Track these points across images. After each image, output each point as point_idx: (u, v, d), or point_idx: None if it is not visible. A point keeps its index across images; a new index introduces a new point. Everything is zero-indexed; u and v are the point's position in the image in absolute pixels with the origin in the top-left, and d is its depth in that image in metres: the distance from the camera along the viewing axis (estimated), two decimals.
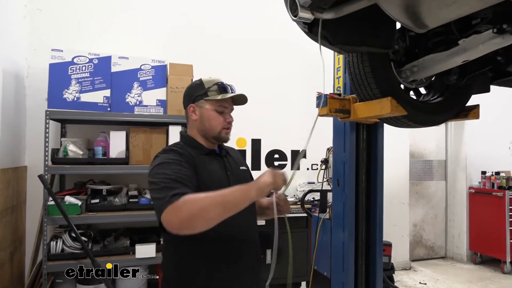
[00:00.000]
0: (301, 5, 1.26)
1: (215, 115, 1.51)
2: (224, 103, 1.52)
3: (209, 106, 1.51)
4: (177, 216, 1.18)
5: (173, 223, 1.19)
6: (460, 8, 1.06)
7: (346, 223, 2.22)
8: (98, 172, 3.23)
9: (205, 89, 1.52)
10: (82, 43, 3.49)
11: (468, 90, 1.90)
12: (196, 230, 1.19)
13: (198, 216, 1.18)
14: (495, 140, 5.50)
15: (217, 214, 1.20)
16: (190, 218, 1.17)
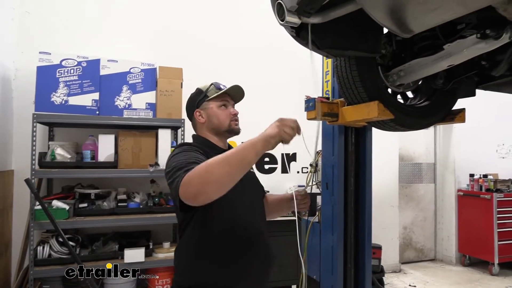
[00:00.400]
0: (288, 9, 1.27)
1: (221, 110, 1.60)
2: (224, 97, 1.61)
3: (213, 104, 1.59)
4: (189, 187, 1.17)
5: (188, 194, 1.18)
6: (443, 14, 1.07)
7: (335, 226, 2.23)
8: (86, 176, 3.20)
9: (204, 92, 1.62)
10: (71, 46, 3.46)
11: (454, 94, 1.92)
12: (211, 195, 1.18)
13: (208, 179, 1.16)
14: (483, 143, 5.58)
15: (224, 172, 1.17)
16: (201, 184, 1.16)
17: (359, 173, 2.29)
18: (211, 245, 1.41)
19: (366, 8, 1.19)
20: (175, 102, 3.34)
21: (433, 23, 1.15)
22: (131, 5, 3.84)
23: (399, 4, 1.09)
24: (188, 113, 1.66)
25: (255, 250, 1.47)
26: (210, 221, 1.42)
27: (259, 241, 1.50)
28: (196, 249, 1.43)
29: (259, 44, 4.26)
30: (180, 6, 4.02)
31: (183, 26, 4.01)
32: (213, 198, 1.19)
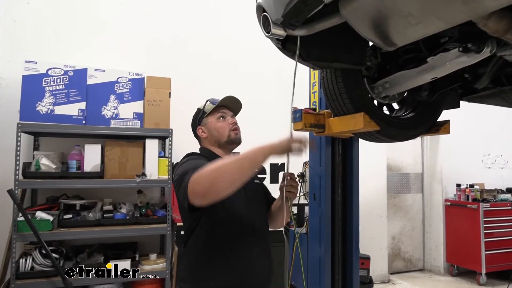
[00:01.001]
0: (273, 22, 1.28)
1: (219, 122, 1.68)
2: (221, 109, 1.70)
3: (211, 118, 1.69)
4: (199, 184, 1.23)
5: (198, 192, 1.23)
6: (425, 28, 1.09)
7: (322, 237, 2.22)
8: (71, 186, 3.14)
9: (202, 109, 1.72)
10: (58, 55, 3.43)
11: (439, 106, 1.95)
12: (221, 191, 1.24)
13: (218, 176, 1.22)
14: (469, 153, 5.65)
15: (235, 169, 1.25)
16: (211, 180, 1.22)
17: (346, 183, 2.30)
18: (215, 253, 1.48)
19: (350, 22, 1.20)
20: (163, 112, 3.32)
21: (415, 37, 1.16)
22: (120, 15, 3.83)
23: (382, 18, 1.11)
24: (194, 133, 1.76)
25: (258, 259, 1.54)
26: (214, 230, 1.49)
27: (262, 251, 1.57)
28: (200, 256, 1.49)
29: (249, 55, 4.27)
30: (168, 16, 4.03)
31: (171, 36, 4.01)
32: (222, 195, 1.25)
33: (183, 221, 1.62)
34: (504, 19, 1.01)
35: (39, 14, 3.54)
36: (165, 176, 3.27)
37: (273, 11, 1.26)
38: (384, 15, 1.09)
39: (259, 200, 1.72)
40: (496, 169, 5.91)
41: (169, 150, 3.34)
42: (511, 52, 1.28)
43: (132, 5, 3.89)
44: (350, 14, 1.16)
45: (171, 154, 3.33)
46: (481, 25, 1.04)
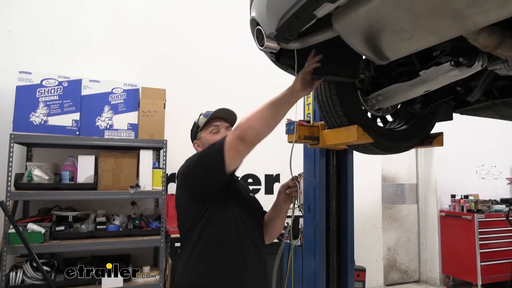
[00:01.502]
0: (267, 35, 1.28)
1: (211, 136, 1.67)
2: (213, 122, 1.69)
3: (205, 132, 1.69)
4: (239, 129, 1.39)
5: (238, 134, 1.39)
6: (417, 43, 1.10)
7: (317, 249, 2.20)
8: (64, 198, 3.11)
9: (197, 123, 1.73)
10: (53, 66, 3.43)
11: (432, 118, 1.96)
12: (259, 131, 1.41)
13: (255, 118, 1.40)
14: (463, 164, 5.68)
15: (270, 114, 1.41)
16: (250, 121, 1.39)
17: (341, 195, 2.29)
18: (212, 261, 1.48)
19: (343, 36, 1.21)
20: (158, 122, 3.31)
21: (408, 51, 1.17)
22: (115, 26, 3.84)
23: (374, 32, 1.12)
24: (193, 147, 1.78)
25: (255, 269, 1.54)
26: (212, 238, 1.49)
27: (259, 261, 1.57)
28: (197, 264, 1.48)
29: (243, 67, 4.29)
30: (163, 27, 4.05)
31: (167, 48, 4.02)
32: (260, 136, 1.41)
33: (181, 228, 1.61)
34: (494, 34, 1.02)
35: (34, 25, 3.54)
36: (159, 187, 3.25)
37: (266, 24, 1.27)
38: (377, 29, 1.10)
39: (257, 213, 1.74)
40: (490, 179, 5.94)
41: (163, 161, 3.33)
42: (501, 66, 1.30)
43: (128, 17, 3.91)
44: (343, 28, 1.17)
45: (165, 165, 3.32)
46: (472, 40, 1.05)
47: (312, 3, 1.04)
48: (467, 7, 0.86)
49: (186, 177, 1.55)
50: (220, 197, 1.52)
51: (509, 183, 6.05)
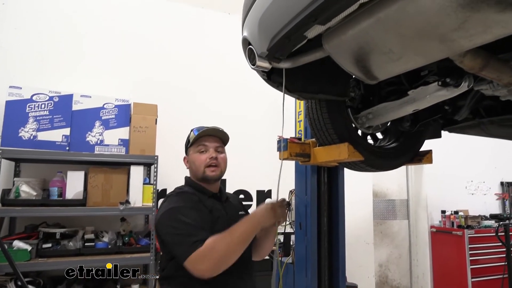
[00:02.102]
0: (258, 55, 1.30)
1: (196, 156, 1.64)
2: (202, 141, 1.65)
3: (192, 151, 1.66)
4: (205, 263, 1.32)
5: (202, 269, 1.32)
6: (406, 63, 1.12)
7: (308, 266, 2.19)
8: (52, 214, 3.05)
9: (188, 139, 1.69)
10: (45, 81, 3.40)
11: (421, 136, 1.99)
12: (222, 270, 1.35)
13: (225, 258, 1.35)
14: (453, 179, 5.73)
15: (239, 250, 1.39)
16: (218, 263, 1.34)
17: (332, 212, 2.29)
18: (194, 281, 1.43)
19: (333, 56, 1.24)
20: (149, 138, 3.30)
21: (396, 72, 1.20)
22: (107, 41, 3.86)
23: (363, 53, 1.14)
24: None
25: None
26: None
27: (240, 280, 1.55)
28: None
29: (236, 82, 4.32)
30: (155, 43, 4.08)
31: (159, 65, 4.04)
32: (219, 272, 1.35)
33: (161, 255, 1.60)
34: (479, 57, 1.05)
35: (26, 40, 3.53)
36: (149, 203, 3.21)
37: (258, 44, 1.29)
38: (366, 50, 1.13)
39: None
40: (479, 195, 5.99)
41: (154, 177, 3.30)
42: (487, 87, 1.33)
43: (121, 32, 3.93)
44: (333, 49, 1.20)
45: (156, 181, 3.29)
46: (458, 62, 1.08)
47: (303, 24, 1.06)
48: (452, 31, 0.88)
49: (156, 233, 1.53)
50: None
51: (498, 199, 6.12)
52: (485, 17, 0.80)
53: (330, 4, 0.94)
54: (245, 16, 1.36)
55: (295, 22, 1.06)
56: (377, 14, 0.97)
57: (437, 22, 0.88)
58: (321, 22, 1.03)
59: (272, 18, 1.17)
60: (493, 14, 0.78)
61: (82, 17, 3.79)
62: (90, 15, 3.83)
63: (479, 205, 5.85)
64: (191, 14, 4.33)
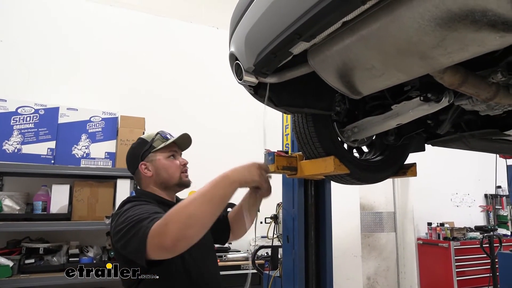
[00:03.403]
0: (245, 70, 1.32)
1: (169, 162, 1.51)
2: (172, 147, 1.54)
3: (160, 155, 1.50)
4: (166, 234, 1.06)
5: (165, 244, 1.06)
6: (388, 79, 1.15)
7: (296, 280, 2.18)
8: (35, 229, 2.99)
9: (149, 142, 1.52)
10: (31, 94, 3.37)
11: (406, 149, 2.02)
12: (194, 238, 1.10)
13: (189, 223, 1.07)
14: (438, 192, 5.82)
15: (207, 211, 1.12)
16: (181, 229, 1.06)
17: (319, 225, 2.30)
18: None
19: (318, 72, 1.26)
20: None
21: (379, 87, 1.23)
22: (95, 55, 3.86)
23: (347, 69, 1.17)
24: (131, 167, 1.55)
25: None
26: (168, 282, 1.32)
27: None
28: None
29: (224, 96, 4.35)
30: (143, 57, 4.09)
31: (146, 76, 4.05)
32: (194, 242, 1.10)
33: (123, 281, 1.40)
34: (458, 73, 1.09)
35: (12, 52, 3.51)
36: None
37: (245, 60, 1.31)
38: (349, 66, 1.15)
39: (211, 244, 1.62)
40: (464, 207, 6.09)
41: None
42: (467, 102, 1.37)
43: (108, 46, 3.93)
44: (318, 64, 1.23)
45: None
46: (438, 78, 1.11)
47: (288, 41, 1.09)
48: (431, 48, 0.92)
49: (113, 244, 1.31)
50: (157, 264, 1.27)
51: (482, 211, 6.22)
52: (462, 36, 0.84)
53: (314, 22, 0.97)
54: (232, 31, 1.39)
55: (281, 39, 1.08)
56: (360, 32, 1.00)
57: (417, 40, 0.91)
58: (306, 39, 1.06)
59: (258, 34, 1.20)
60: (469, 33, 0.82)
61: (70, 31, 3.79)
62: (77, 29, 3.84)
63: (464, 217, 5.94)
64: (179, 28, 4.37)
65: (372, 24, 0.96)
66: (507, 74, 1.15)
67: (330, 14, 0.93)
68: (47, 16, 3.71)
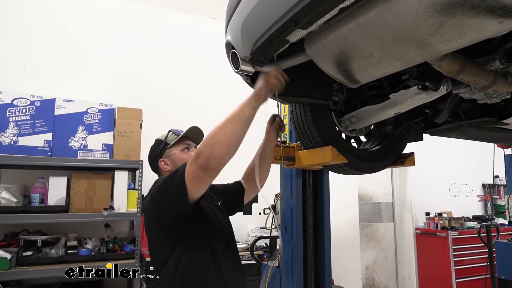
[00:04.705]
0: (242, 59, 1.31)
1: (184, 154, 1.62)
2: (185, 140, 1.66)
3: (175, 150, 1.63)
4: (199, 156, 1.26)
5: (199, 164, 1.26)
6: (385, 67, 1.14)
7: (294, 270, 2.19)
8: (33, 221, 2.99)
9: (163, 141, 1.66)
10: (28, 85, 3.35)
11: (404, 139, 2.02)
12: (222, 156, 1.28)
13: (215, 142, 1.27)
14: (436, 182, 5.83)
15: (229, 131, 1.29)
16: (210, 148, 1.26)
17: (317, 215, 2.30)
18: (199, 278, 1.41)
19: (316, 60, 1.25)
20: (134, 143, 3.27)
21: (377, 75, 1.22)
22: (92, 46, 3.82)
23: (344, 57, 1.16)
24: (152, 166, 1.69)
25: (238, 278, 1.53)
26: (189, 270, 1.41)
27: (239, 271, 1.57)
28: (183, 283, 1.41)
29: (221, 86, 4.32)
30: (141, 48, 4.05)
31: (142, 66, 4.02)
32: (224, 161, 1.28)
33: (154, 255, 1.52)
34: (456, 61, 1.08)
35: (8, 44, 3.47)
36: (134, 209, 3.17)
37: (241, 48, 1.29)
38: (347, 55, 1.14)
39: (232, 237, 1.70)
40: (462, 197, 6.11)
41: (139, 182, 3.26)
42: (465, 90, 1.36)
43: (106, 37, 3.89)
44: (315, 53, 1.21)
45: (141, 186, 3.26)
46: (436, 66, 1.10)
47: (285, 29, 1.07)
48: (429, 35, 0.90)
49: (152, 209, 1.46)
50: (192, 226, 1.45)
51: (480, 201, 6.25)
52: (460, 22, 0.82)
53: (311, 9, 0.95)
54: (228, 20, 1.37)
55: (277, 27, 1.07)
56: (357, 19, 0.98)
57: (414, 27, 0.89)
58: (302, 26, 1.05)
59: (254, 22, 1.18)
60: (467, 19, 0.80)
61: (66, 22, 3.75)
62: (74, 19, 3.79)
63: (462, 207, 5.97)
64: (176, 19, 4.32)
65: (369, 11, 0.94)
66: (505, 62, 1.14)
67: (327, 0, 0.91)
68: (44, 7, 3.67)
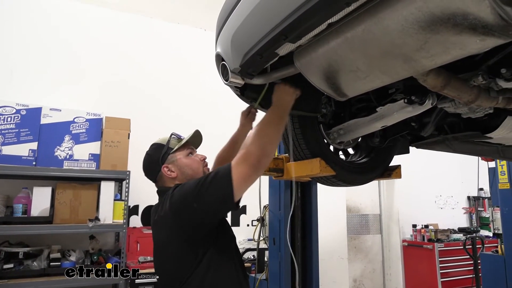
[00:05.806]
0: (231, 71, 1.32)
1: (190, 159, 1.54)
2: (189, 145, 1.58)
3: (180, 155, 1.53)
4: (251, 155, 1.28)
5: (252, 162, 1.27)
6: (372, 82, 1.16)
7: (282, 283, 2.18)
8: (15, 232, 2.91)
9: (165, 145, 1.54)
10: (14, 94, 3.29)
11: (391, 152, 2.05)
12: (272, 154, 1.39)
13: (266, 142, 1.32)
14: (423, 194, 5.89)
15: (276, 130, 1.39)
16: (261, 149, 1.30)
17: (306, 227, 2.30)
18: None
19: (304, 73, 1.26)
20: (121, 153, 3.23)
21: (364, 89, 1.24)
22: (79, 55, 3.80)
23: (333, 71, 1.18)
24: (151, 173, 1.55)
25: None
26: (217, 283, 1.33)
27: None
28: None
29: (210, 97, 4.33)
30: (130, 57, 4.05)
31: (131, 75, 4.01)
32: (271, 158, 1.44)
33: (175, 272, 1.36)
34: (440, 76, 1.11)
35: None
36: (120, 220, 3.12)
37: (231, 60, 1.30)
38: (335, 68, 1.16)
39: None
40: (448, 209, 6.18)
41: (125, 193, 3.22)
42: (449, 104, 1.39)
43: (95, 47, 3.88)
44: (304, 66, 1.23)
45: (128, 197, 3.22)
46: (421, 81, 1.13)
47: (274, 42, 1.08)
48: (415, 51, 0.93)
49: (181, 214, 1.32)
50: (217, 237, 1.37)
51: (465, 213, 6.33)
52: (444, 39, 0.85)
53: (300, 23, 0.97)
54: (218, 32, 1.38)
55: (267, 40, 1.08)
56: (345, 34, 1.01)
57: (400, 43, 0.92)
58: (292, 40, 1.06)
59: (244, 35, 1.19)
60: (451, 36, 0.83)
61: (55, 30, 3.72)
62: (64, 28, 3.77)
63: (448, 219, 6.03)
64: (167, 30, 4.34)
65: (357, 27, 0.97)
66: (487, 77, 1.17)
67: (315, 15, 0.93)
68: (30, 16, 3.64)
